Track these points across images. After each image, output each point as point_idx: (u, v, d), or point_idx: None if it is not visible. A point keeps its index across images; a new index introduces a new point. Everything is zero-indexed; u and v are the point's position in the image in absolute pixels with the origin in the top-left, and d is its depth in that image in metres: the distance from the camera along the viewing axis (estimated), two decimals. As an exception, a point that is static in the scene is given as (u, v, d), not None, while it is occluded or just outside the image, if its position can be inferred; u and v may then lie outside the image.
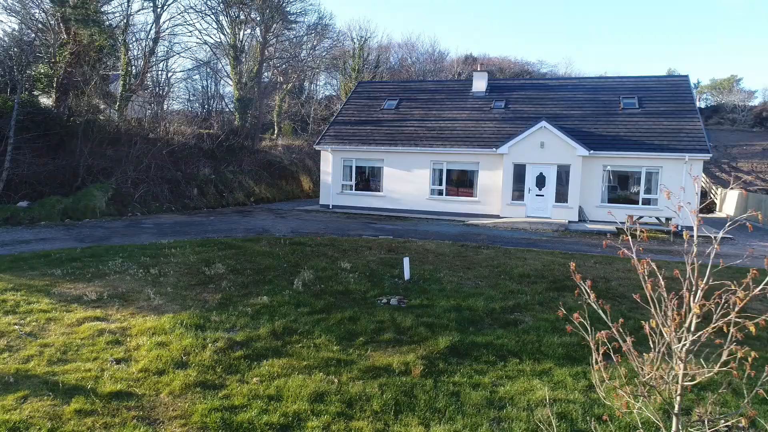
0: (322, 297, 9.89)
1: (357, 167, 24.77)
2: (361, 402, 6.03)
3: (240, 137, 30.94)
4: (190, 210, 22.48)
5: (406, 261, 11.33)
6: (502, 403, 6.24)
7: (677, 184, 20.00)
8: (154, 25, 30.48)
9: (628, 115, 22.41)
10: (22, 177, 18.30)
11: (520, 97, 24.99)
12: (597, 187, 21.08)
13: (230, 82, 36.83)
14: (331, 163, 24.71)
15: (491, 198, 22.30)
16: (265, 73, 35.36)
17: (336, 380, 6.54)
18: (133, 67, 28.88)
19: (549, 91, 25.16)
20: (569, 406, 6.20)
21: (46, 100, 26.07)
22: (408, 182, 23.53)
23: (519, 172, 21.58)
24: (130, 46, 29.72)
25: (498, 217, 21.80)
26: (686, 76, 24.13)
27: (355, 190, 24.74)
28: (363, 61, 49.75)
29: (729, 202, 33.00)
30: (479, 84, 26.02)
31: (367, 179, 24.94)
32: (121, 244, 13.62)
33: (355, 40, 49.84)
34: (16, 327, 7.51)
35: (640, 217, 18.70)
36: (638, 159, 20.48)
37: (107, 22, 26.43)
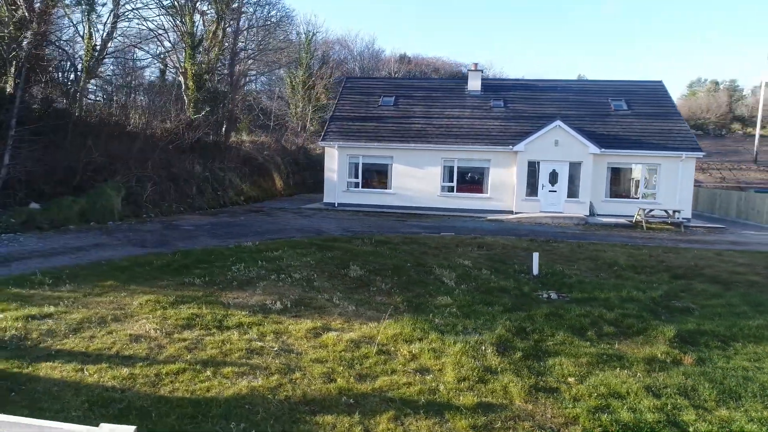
0: (492, 294, 9.77)
1: (363, 164, 24.28)
2: (691, 392, 6.16)
3: (212, 133, 28.90)
4: (196, 210, 20.72)
5: (535, 256, 11.49)
6: (790, 383, 6.67)
7: (673, 180, 22.07)
8: (113, 9, 27.53)
9: (621, 117, 24.23)
10: (20, 175, 15.79)
11: (516, 97, 26.00)
12: (603, 182, 22.59)
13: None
14: (336, 161, 24.01)
15: (503, 194, 23.01)
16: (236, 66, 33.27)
17: (638, 374, 6.59)
18: (95, 53, 25.84)
19: (542, 92, 26.44)
20: None
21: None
22: (419, 179, 23.55)
23: (532, 169, 22.48)
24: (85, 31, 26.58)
25: (511, 212, 22.55)
26: (660, 81, 26.59)
27: (362, 187, 24.26)
28: (311, 56, 48.68)
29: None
30: (474, 83, 26.67)
31: (373, 176, 24.55)
32: (199, 248, 12.31)
33: (302, 35, 48.62)
34: (259, 344, 6.67)
35: (651, 210, 20.11)
36: (641, 157, 22.27)
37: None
